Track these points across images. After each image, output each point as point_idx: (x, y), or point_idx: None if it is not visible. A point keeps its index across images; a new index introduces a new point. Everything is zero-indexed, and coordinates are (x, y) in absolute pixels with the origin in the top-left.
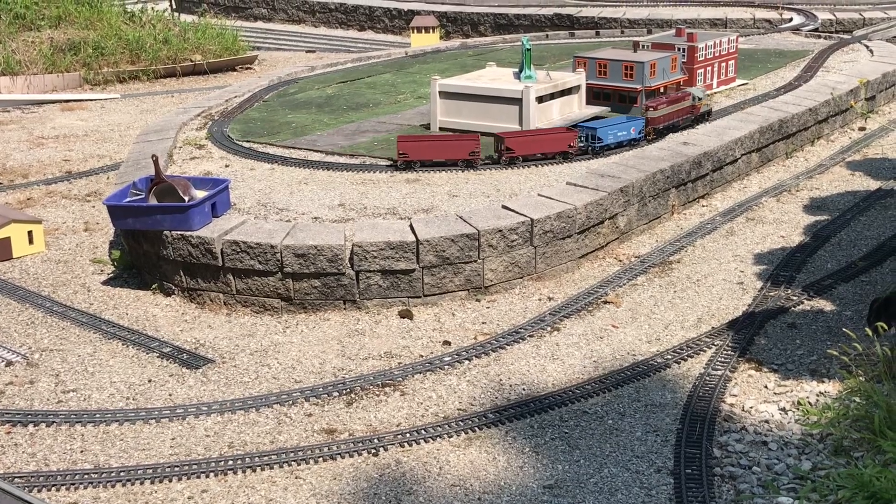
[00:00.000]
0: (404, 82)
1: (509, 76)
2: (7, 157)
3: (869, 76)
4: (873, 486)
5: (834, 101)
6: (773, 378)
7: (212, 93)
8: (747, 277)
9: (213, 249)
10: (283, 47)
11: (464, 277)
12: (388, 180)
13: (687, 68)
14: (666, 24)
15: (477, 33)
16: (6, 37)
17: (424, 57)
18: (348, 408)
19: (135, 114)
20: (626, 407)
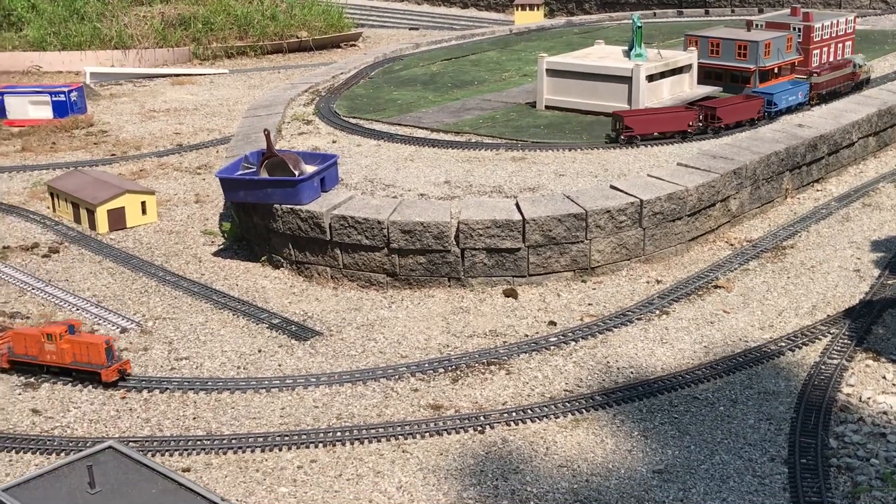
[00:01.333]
0: (509, 60)
1: (618, 54)
2: (120, 129)
3: None
4: None
5: None
6: (892, 369)
7: (318, 69)
8: (864, 265)
9: (321, 224)
10: (387, 24)
11: (570, 258)
12: (493, 158)
13: (802, 48)
14: (777, 3)
15: (582, 11)
16: (119, 11)
17: (529, 34)
18: (454, 384)
19: (243, 89)
20: (737, 394)
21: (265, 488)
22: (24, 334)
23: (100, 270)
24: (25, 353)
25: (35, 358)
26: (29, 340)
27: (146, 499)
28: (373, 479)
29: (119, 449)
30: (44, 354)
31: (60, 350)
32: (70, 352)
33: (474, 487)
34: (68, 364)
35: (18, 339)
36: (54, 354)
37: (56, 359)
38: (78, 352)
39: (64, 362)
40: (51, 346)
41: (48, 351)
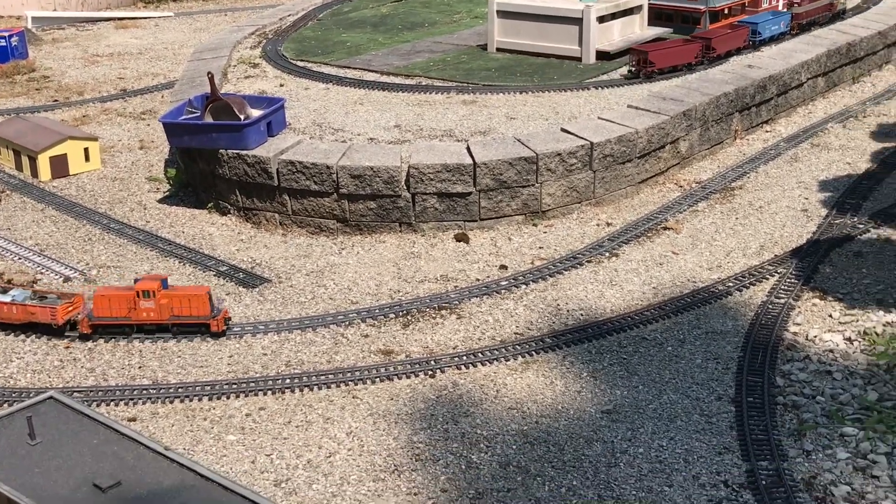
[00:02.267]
0: (460, 2)
1: None
2: (62, 74)
3: None
4: None
5: None
6: (839, 307)
7: (265, 11)
8: (812, 205)
9: (268, 169)
10: None
11: (521, 201)
12: (444, 101)
13: None
14: None
15: None
16: None
17: None
18: (405, 329)
19: (188, 32)
20: (686, 334)
21: (213, 437)
22: (107, 295)
23: (42, 219)
24: (111, 315)
25: (127, 318)
26: (115, 300)
27: (87, 449)
28: (322, 426)
29: (60, 399)
30: (138, 313)
31: (160, 306)
32: (169, 307)
33: (424, 431)
34: (167, 320)
35: (101, 301)
36: (152, 311)
37: (155, 315)
38: (179, 305)
39: (163, 319)
40: (148, 304)
41: (144, 308)
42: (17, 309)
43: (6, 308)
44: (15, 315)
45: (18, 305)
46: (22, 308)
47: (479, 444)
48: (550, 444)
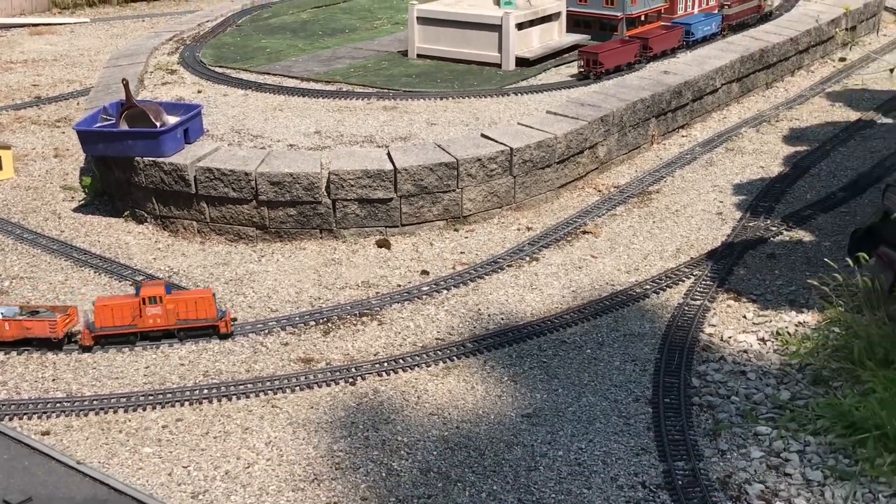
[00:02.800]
0: (381, 8)
1: (489, 2)
2: None
3: (851, 5)
4: (852, 416)
5: (815, 30)
6: (752, 308)
7: (184, 17)
8: (726, 208)
9: (186, 176)
10: None
11: (442, 207)
12: (365, 107)
13: None
14: None
15: None
16: None
17: None
18: (325, 337)
19: (105, 38)
20: (604, 336)
21: (129, 449)
22: (110, 305)
23: None
24: (114, 325)
25: (133, 326)
26: (119, 309)
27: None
28: (241, 436)
29: None
30: (144, 320)
31: (166, 311)
32: (175, 311)
33: (345, 439)
34: (174, 325)
35: (104, 311)
36: (159, 317)
37: (162, 321)
38: (185, 309)
39: (170, 324)
40: (155, 310)
41: (150, 315)
42: (11, 325)
43: None
44: (8, 332)
45: (11, 321)
46: (16, 324)
47: (400, 451)
48: (471, 449)
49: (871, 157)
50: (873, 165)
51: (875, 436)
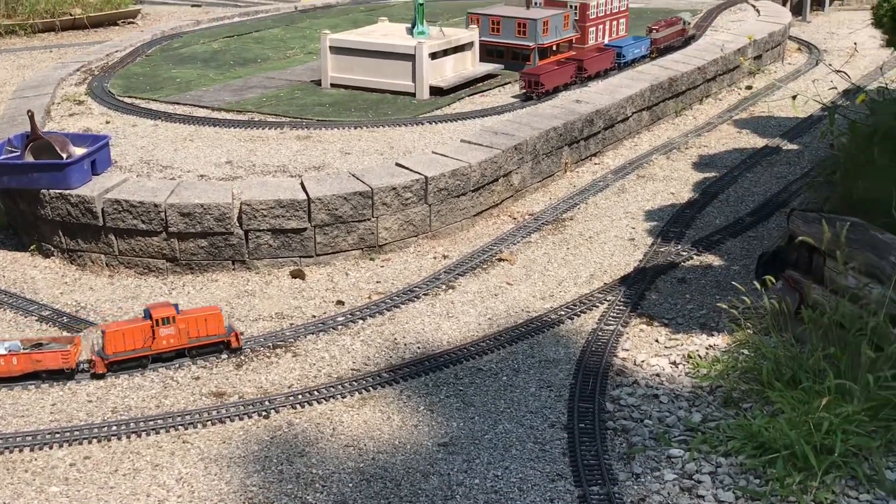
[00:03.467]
0: (293, 37)
1: (402, 32)
2: None
3: (756, 35)
4: (762, 437)
5: (722, 59)
6: (664, 332)
7: (92, 47)
8: (638, 234)
9: (93, 209)
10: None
11: (357, 236)
12: (277, 137)
13: (579, 26)
14: None
15: None
16: None
17: (314, 12)
18: (238, 370)
19: (11, 70)
20: (520, 363)
21: (34, 489)
22: (121, 330)
23: None
24: (126, 350)
25: (146, 349)
26: (131, 334)
27: None
28: (151, 473)
29: None
30: (158, 342)
31: (179, 331)
32: (187, 330)
33: (258, 474)
34: (186, 344)
35: (115, 337)
36: (172, 338)
37: (175, 342)
38: (196, 328)
39: (182, 343)
40: (168, 331)
41: (164, 336)
42: (19, 359)
43: (4, 361)
44: (16, 367)
45: (19, 355)
46: (25, 357)
47: (315, 484)
48: (387, 479)
49: (777, 183)
50: (779, 190)
51: (784, 456)
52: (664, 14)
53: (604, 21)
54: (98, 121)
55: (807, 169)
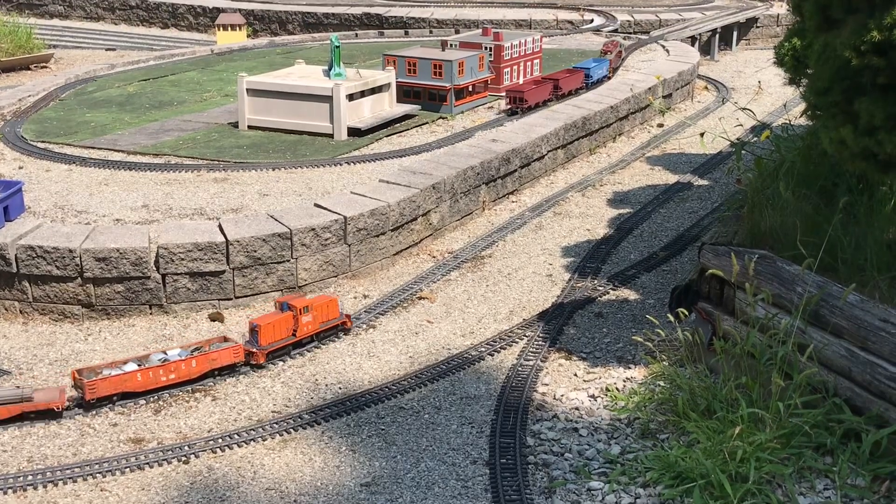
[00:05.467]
0: (210, 80)
1: (319, 74)
2: None
3: (665, 74)
4: (679, 467)
5: (634, 98)
6: (583, 366)
7: (4, 92)
8: (556, 270)
9: (6, 255)
10: (82, 45)
11: (276, 277)
12: (194, 180)
13: (494, 67)
14: (473, 24)
15: (285, 31)
16: None
17: (231, 55)
18: (156, 415)
19: None
20: (441, 400)
21: None
22: (272, 322)
23: None
24: (275, 340)
25: (292, 337)
26: (279, 325)
27: None
28: None
29: None
30: (301, 329)
31: (314, 318)
32: (318, 317)
33: None
34: (319, 329)
35: (268, 329)
36: (310, 325)
37: (311, 328)
38: (323, 314)
39: (316, 329)
40: (307, 318)
41: (305, 324)
42: (198, 361)
43: (185, 365)
44: (195, 368)
45: (198, 357)
46: (202, 358)
47: None
48: None
49: (689, 217)
50: (691, 225)
51: (701, 485)
52: (578, 55)
53: (518, 62)
54: (11, 166)
55: (717, 203)
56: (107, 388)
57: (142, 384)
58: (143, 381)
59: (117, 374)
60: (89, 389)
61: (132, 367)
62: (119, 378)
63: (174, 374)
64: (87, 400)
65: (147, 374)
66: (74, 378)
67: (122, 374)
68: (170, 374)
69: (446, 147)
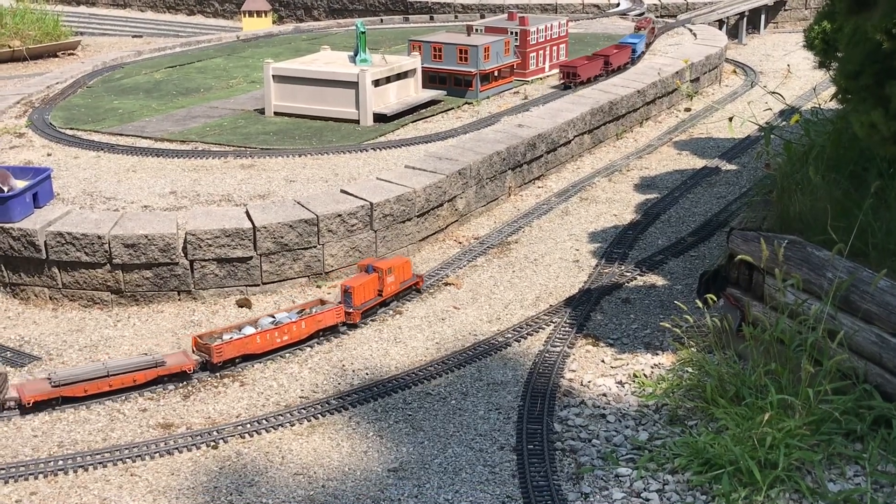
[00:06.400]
0: (236, 67)
1: (344, 60)
2: None
3: (693, 58)
4: (707, 453)
5: (661, 82)
6: (610, 352)
7: (32, 79)
8: (582, 255)
9: (35, 242)
10: (109, 32)
11: (303, 264)
12: (221, 166)
13: (520, 52)
14: (498, 8)
15: (311, 17)
16: None
17: (257, 41)
18: (185, 401)
19: None
20: (468, 387)
21: None
22: (363, 283)
23: None
24: (366, 300)
25: (378, 297)
26: (368, 286)
27: None
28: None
29: None
30: (386, 289)
31: (395, 279)
32: (398, 278)
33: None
34: (399, 289)
35: (360, 291)
36: (392, 286)
37: (394, 288)
38: (401, 274)
39: (397, 289)
40: (390, 279)
41: (389, 284)
42: (307, 322)
43: (296, 327)
44: (305, 329)
45: (307, 319)
46: (311, 319)
47: None
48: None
49: (717, 203)
50: (719, 210)
51: (730, 471)
52: (604, 39)
53: (544, 46)
54: (40, 153)
55: (745, 188)
56: (232, 350)
57: (260, 346)
58: (262, 343)
59: (239, 338)
60: (216, 353)
61: (251, 331)
62: (241, 341)
63: (287, 336)
64: (214, 363)
65: (265, 336)
66: (196, 343)
67: (244, 336)
68: (283, 336)
69: (472, 132)
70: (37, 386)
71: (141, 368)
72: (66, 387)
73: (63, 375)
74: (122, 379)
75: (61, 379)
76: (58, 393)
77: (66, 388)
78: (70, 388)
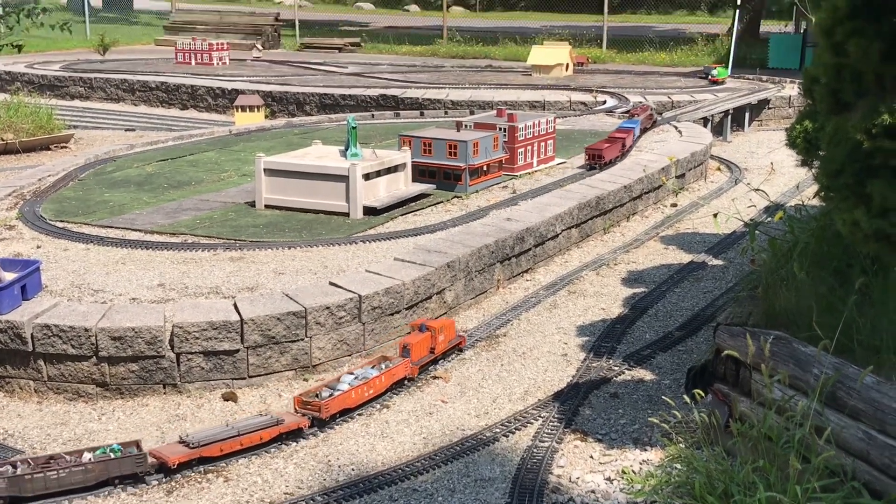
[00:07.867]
0: (228, 160)
1: (335, 154)
2: None
3: (678, 155)
4: None
5: (647, 178)
6: (598, 448)
7: (24, 172)
8: (571, 349)
9: (22, 334)
10: (102, 126)
11: (291, 356)
12: (211, 259)
13: (508, 147)
14: (487, 105)
15: (303, 112)
16: None
17: (249, 135)
18: (168, 497)
19: None
20: (455, 483)
21: None
22: (419, 341)
23: None
24: (421, 357)
25: (432, 353)
26: (424, 343)
27: None
28: None
29: None
30: (437, 346)
31: (445, 337)
32: (447, 337)
33: None
34: (447, 347)
35: (417, 347)
36: (442, 343)
37: (443, 346)
38: (449, 333)
39: (445, 347)
40: (441, 337)
41: (440, 342)
42: (385, 376)
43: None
44: (383, 384)
45: (384, 373)
46: (388, 373)
47: None
48: None
49: (704, 297)
50: (706, 305)
51: None
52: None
53: (532, 142)
54: (29, 245)
55: (731, 284)
56: (336, 405)
57: (354, 400)
58: (356, 397)
59: (340, 394)
60: (325, 409)
61: (345, 387)
62: (342, 397)
63: (372, 390)
64: (322, 418)
65: (358, 391)
66: (300, 402)
67: (342, 393)
68: (370, 390)
69: (461, 226)
70: (175, 449)
71: (265, 427)
72: (205, 447)
73: (199, 437)
74: (251, 437)
75: (200, 440)
76: (198, 454)
77: (204, 448)
78: (208, 449)
